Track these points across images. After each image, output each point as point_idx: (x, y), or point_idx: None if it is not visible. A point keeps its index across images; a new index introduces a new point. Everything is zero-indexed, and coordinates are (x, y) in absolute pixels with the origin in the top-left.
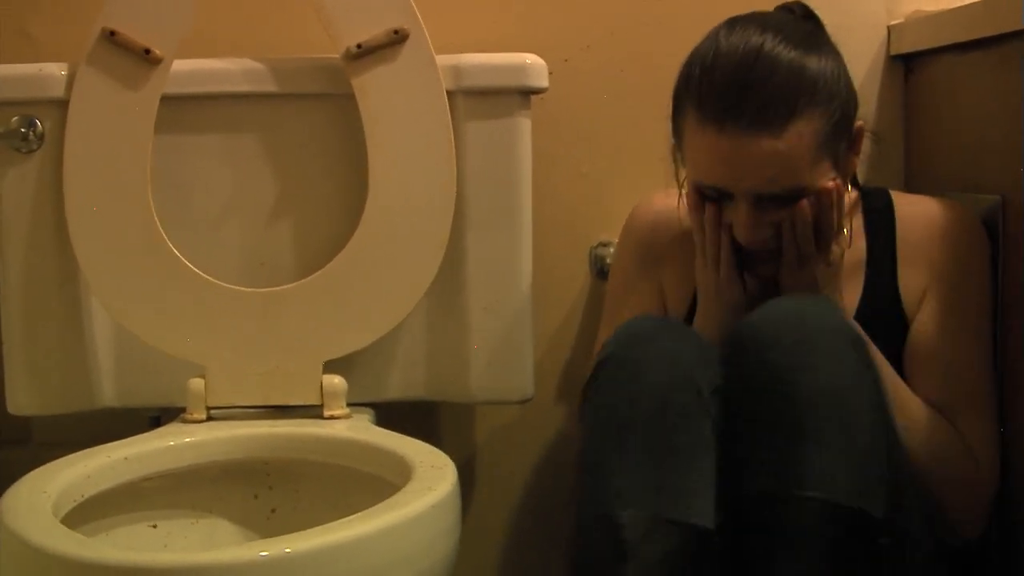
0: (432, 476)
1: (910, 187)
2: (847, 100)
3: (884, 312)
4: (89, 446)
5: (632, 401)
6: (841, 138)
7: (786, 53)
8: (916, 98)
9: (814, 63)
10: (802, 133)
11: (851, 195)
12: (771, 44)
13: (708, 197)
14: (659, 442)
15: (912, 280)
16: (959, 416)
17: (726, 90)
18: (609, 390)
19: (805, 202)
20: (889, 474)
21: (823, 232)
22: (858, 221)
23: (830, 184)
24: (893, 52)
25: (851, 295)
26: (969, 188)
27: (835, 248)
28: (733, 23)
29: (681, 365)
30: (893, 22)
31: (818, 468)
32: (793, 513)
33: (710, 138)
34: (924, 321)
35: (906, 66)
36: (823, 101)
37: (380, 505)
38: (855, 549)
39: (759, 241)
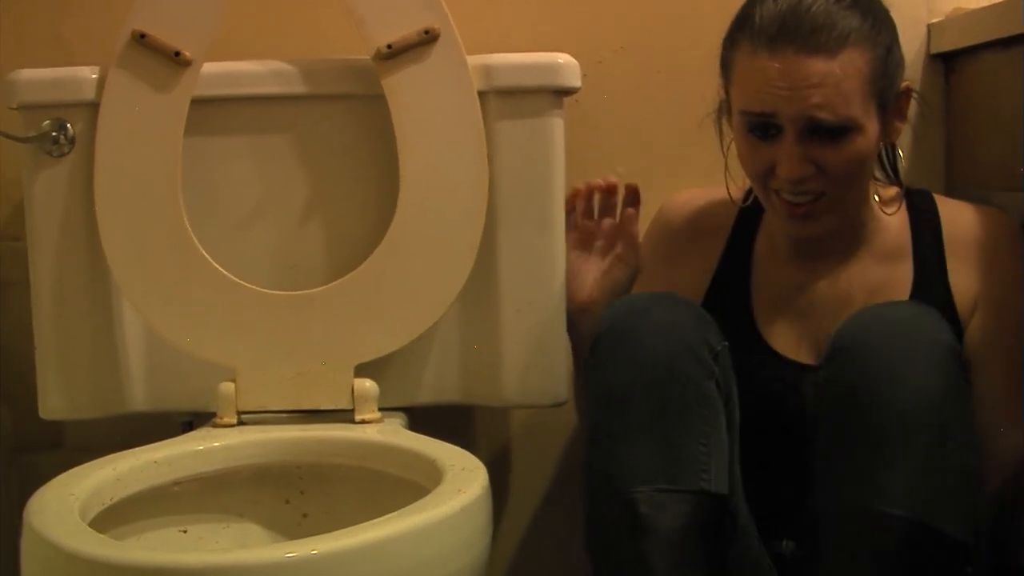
0: (463, 478)
1: (951, 186)
2: (897, 45)
3: (936, 306)
4: (121, 451)
5: (632, 372)
6: (891, 82)
7: None
8: (956, 97)
9: (868, 2)
10: (855, 60)
11: (892, 190)
12: None
13: (755, 134)
14: (664, 411)
15: (963, 278)
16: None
17: (782, 16)
18: (609, 363)
19: None
20: (975, 499)
21: None
22: (902, 215)
23: None
24: (933, 51)
25: (901, 289)
26: (1010, 187)
27: None
28: None
29: (679, 333)
30: (933, 20)
31: (906, 486)
32: (876, 531)
33: (763, 61)
34: (975, 332)
35: (946, 65)
36: (877, 36)
37: (409, 507)
38: (935, 573)
39: (801, 179)
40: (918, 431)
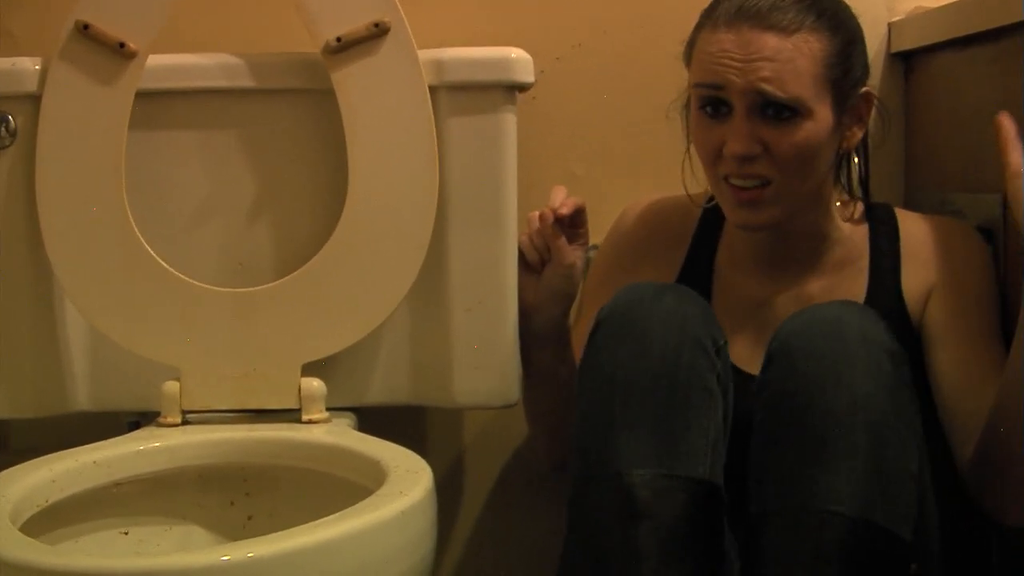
0: (406, 480)
1: (910, 188)
2: (860, 46)
3: (886, 311)
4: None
5: (638, 359)
6: (848, 75)
7: None
8: (916, 96)
9: (833, 3)
10: (810, 43)
11: (858, 206)
12: None
13: (707, 112)
14: (668, 401)
15: (914, 279)
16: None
17: (743, 1)
18: (613, 348)
19: None
20: (919, 498)
21: None
22: (863, 229)
23: None
24: (893, 49)
25: (855, 298)
26: (970, 188)
27: None
28: None
29: (687, 324)
30: (894, 19)
31: (845, 484)
32: (815, 529)
33: (720, 36)
34: (934, 312)
35: (906, 64)
36: (836, 28)
37: (347, 510)
38: (878, 572)
39: (747, 157)
40: (854, 430)
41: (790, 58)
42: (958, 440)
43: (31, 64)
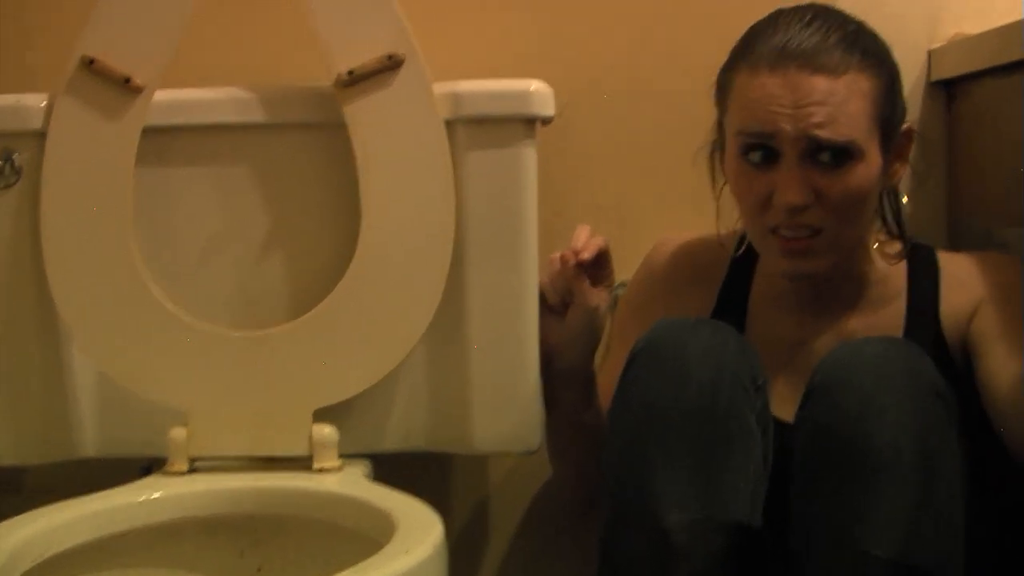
0: (413, 536)
1: (953, 221)
2: (900, 84)
3: (924, 345)
4: (83, 494)
5: (675, 395)
6: (894, 113)
7: (848, 16)
8: (959, 126)
9: (872, 35)
10: (859, 82)
11: (896, 246)
12: (834, 11)
13: (752, 160)
14: (706, 439)
15: (954, 306)
16: None
17: (784, 41)
18: (648, 382)
19: None
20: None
21: None
22: (902, 267)
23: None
24: (934, 78)
25: (893, 332)
26: (1016, 221)
27: None
28: None
29: (725, 359)
30: (934, 46)
31: (887, 524)
32: (852, 571)
33: (763, 78)
34: (980, 324)
35: (947, 92)
36: (881, 66)
37: (346, 572)
38: None
39: (800, 208)
40: (896, 469)
41: (843, 100)
42: (1011, 430)
43: (36, 100)
